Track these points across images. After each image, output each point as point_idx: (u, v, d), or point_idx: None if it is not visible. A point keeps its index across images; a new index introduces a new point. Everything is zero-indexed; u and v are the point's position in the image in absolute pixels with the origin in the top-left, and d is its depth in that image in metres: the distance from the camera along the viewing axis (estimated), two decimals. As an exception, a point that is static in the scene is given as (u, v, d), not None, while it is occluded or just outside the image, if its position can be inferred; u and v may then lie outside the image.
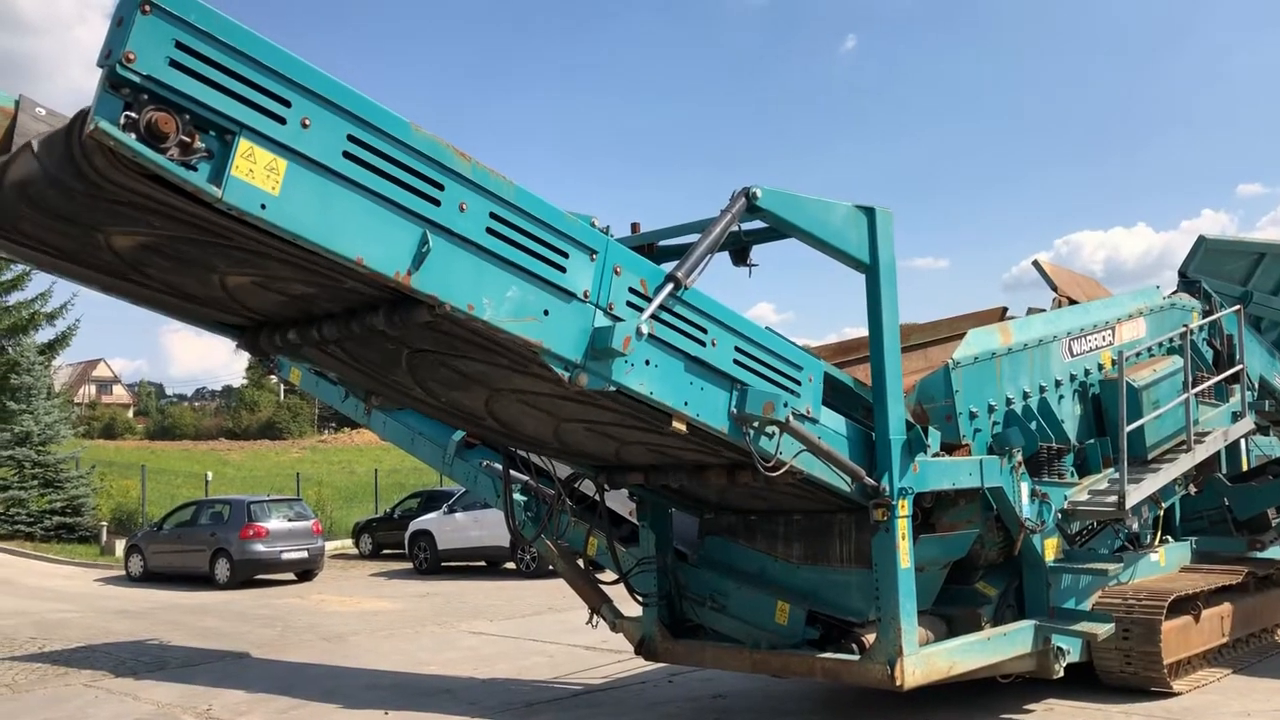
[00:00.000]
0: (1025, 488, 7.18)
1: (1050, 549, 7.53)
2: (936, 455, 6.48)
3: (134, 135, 3.22)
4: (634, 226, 7.13)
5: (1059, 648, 7.17)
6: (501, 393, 5.37)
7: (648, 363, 4.98)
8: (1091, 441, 8.21)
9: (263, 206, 3.52)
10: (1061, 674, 7.20)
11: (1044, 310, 8.84)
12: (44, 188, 3.63)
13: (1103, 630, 7.38)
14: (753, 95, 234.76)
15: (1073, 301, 9.10)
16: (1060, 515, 7.53)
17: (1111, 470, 7.95)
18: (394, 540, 26.26)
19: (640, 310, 4.88)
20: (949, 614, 7.19)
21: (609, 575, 7.85)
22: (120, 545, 26.11)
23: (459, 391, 5.44)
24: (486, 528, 21.79)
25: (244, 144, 3.46)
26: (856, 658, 6.40)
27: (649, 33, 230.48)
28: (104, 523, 29.89)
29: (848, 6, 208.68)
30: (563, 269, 4.59)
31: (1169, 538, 9.16)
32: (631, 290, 4.90)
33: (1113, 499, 7.48)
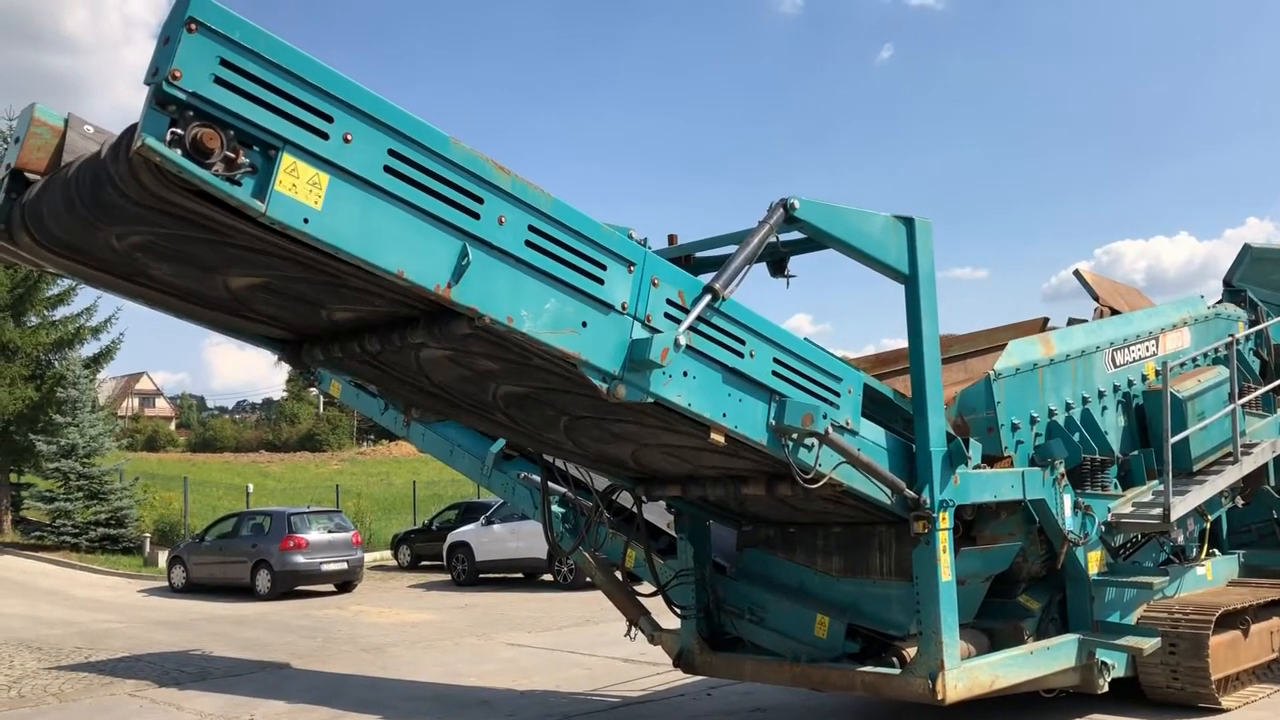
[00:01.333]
0: (1068, 500, 7.09)
1: (1094, 562, 7.43)
2: (978, 467, 6.42)
3: (180, 151, 3.27)
4: (671, 238, 7.13)
5: (1103, 662, 7.07)
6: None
7: (685, 374, 4.97)
8: (1135, 453, 8.10)
9: (305, 221, 3.55)
10: (1106, 689, 7.10)
11: (1086, 321, 8.75)
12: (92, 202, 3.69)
13: (1148, 645, 7.27)
14: (788, 106, 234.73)
15: (1115, 311, 8.99)
16: (1104, 528, 7.43)
17: (1156, 482, 7.84)
18: (432, 552, 26.38)
19: (678, 322, 4.88)
20: (991, 627, 7.11)
21: (647, 587, 7.83)
22: (163, 556, 26.41)
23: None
24: (524, 539, 21.84)
25: (287, 159, 3.49)
26: (897, 671, 6.34)
27: (683, 45, 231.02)
28: (147, 534, 30.23)
29: (884, 17, 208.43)
30: (600, 281, 4.59)
31: (1216, 551, 9.01)
32: (669, 302, 4.89)
33: (1157, 511, 7.37)
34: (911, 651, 6.31)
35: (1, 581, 23.82)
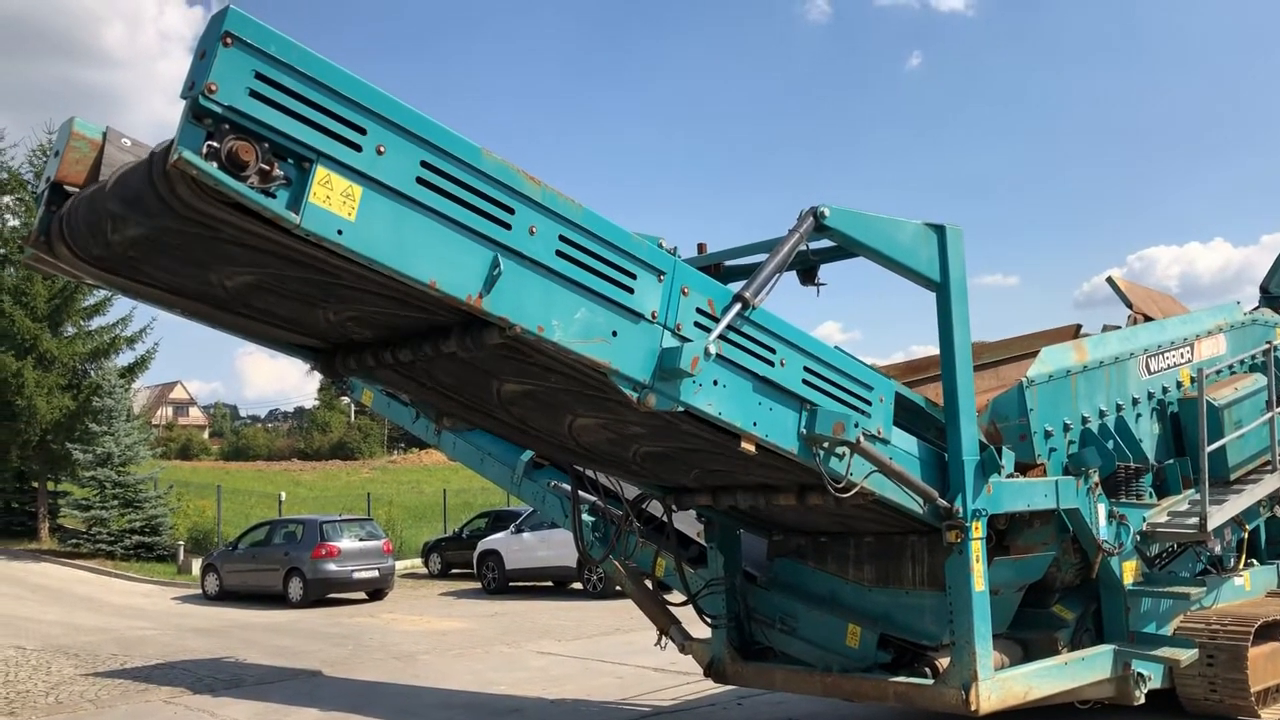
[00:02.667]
0: (1102, 509, 7.02)
1: (1129, 572, 7.35)
2: (1011, 476, 6.37)
3: (215, 164, 3.31)
4: (700, 247, 7.13)
5: (1139, 673, 6.99)
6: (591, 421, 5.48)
7: (716, 383, 4.96)
8: (1171, 462, 8.01)
9: (339, 232, 3.59)
10: (1143, 700, 7.02)
11: (1119, 327, 8.66)
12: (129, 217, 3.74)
13: (1185, 656, 7.18)
14: (817, 114, 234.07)
15: (1149, 318, 8.90)
16: (1139, 537, 7.35)
17: (1192, 491, 7.75)
18: (462, 560, 26.47)
19: (708, 331, 4.87)
20: (1025, 638, 7.05)
21: (677, 596, 7.83)
22: (196, 564, 26.64)
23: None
24: (553, 548, 21.88)
25: (321, 171, 3.53)
26: (930, 682, 6.29)
27: (711, 55, 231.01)
28: (181, 542, 30.51)
29: (913, 23, 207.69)
30: (630, 290, 4.60)
31: (1254, 561, 8.88)
32: (699, 310, 4.89)
33: (1194, 521, 7.28)
34: (944, 662, 6.26)
35: (39, 589, 24.10)
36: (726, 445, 5.22)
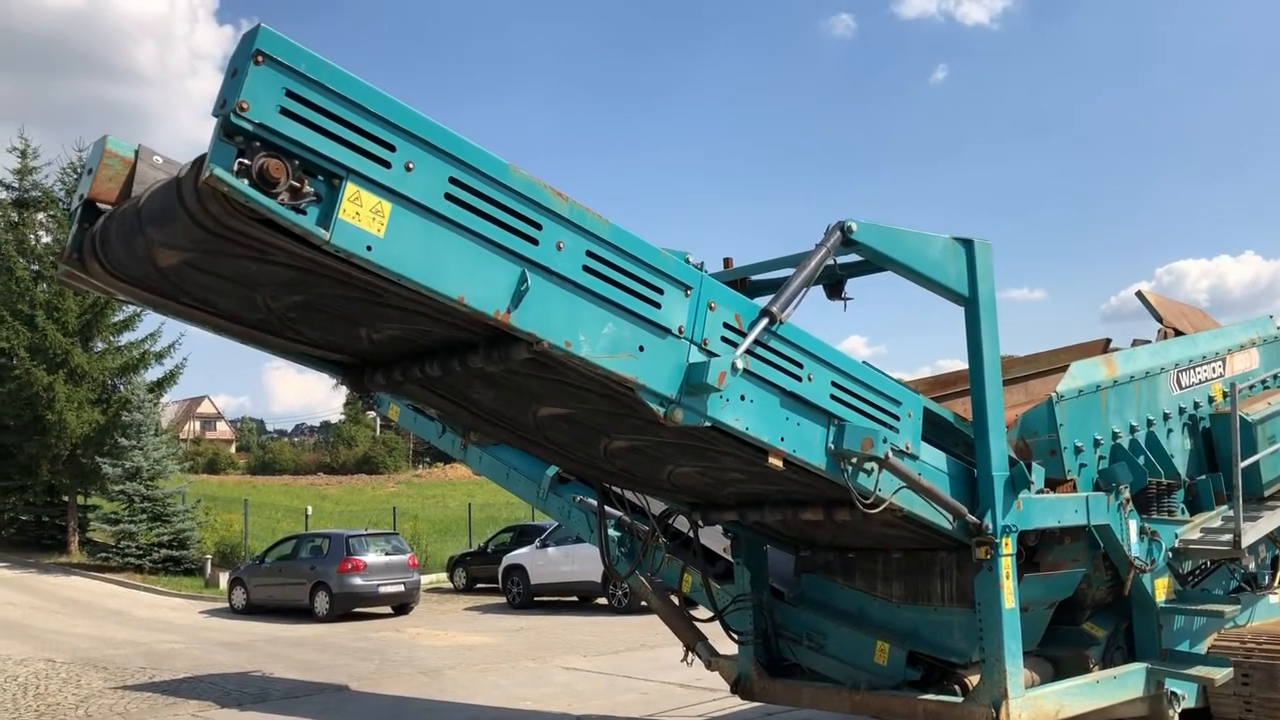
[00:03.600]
0: (1134, 525, 6.94)
1: (1161, 589, 7.25)
2: (1040, 491, 6.31)
3: (247, 181, 3.33)
4: (727, 261, 7.13)
5: (1173, 692, 6.89)
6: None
7: (743, 398, 4.95)
8: (1203, 477, 7.91)
9: (368, 248, 3.60)
10: (1176, 720, 6.92)
11: (1149, 342, 8.58)
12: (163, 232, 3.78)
13: (1220, 675, 7.07)
14: (842, 127, 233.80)
15: (1179, 333, 8.81)
16: (1171, 554, 7.25)
17: (1225, 507, 7.65)
18: (487, 574, 26.50)
19: (735, 345, 4.86)
20: (1056, 655, 6.97)
21: (703, 612, 7.79)
22: (224, 578, 26.79)
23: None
24: (578, 563, 21.87)
25: (351, 188, 3.55)
26: (959, 700, 6.23)
27: (736, 70, 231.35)
28: (208, 556, 30.68)
29: (937, 38, 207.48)
30: (657, 305, 4.60)
31: (1288, 578, 8.75)
32: (726, 325, 4.88)
33: (1227, 538, 7.18)
34: (974, 679, 6.20)
35: (69, 602, 24.29)
36: (754, 461, 5.20)
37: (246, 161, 3.34)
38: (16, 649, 16.55)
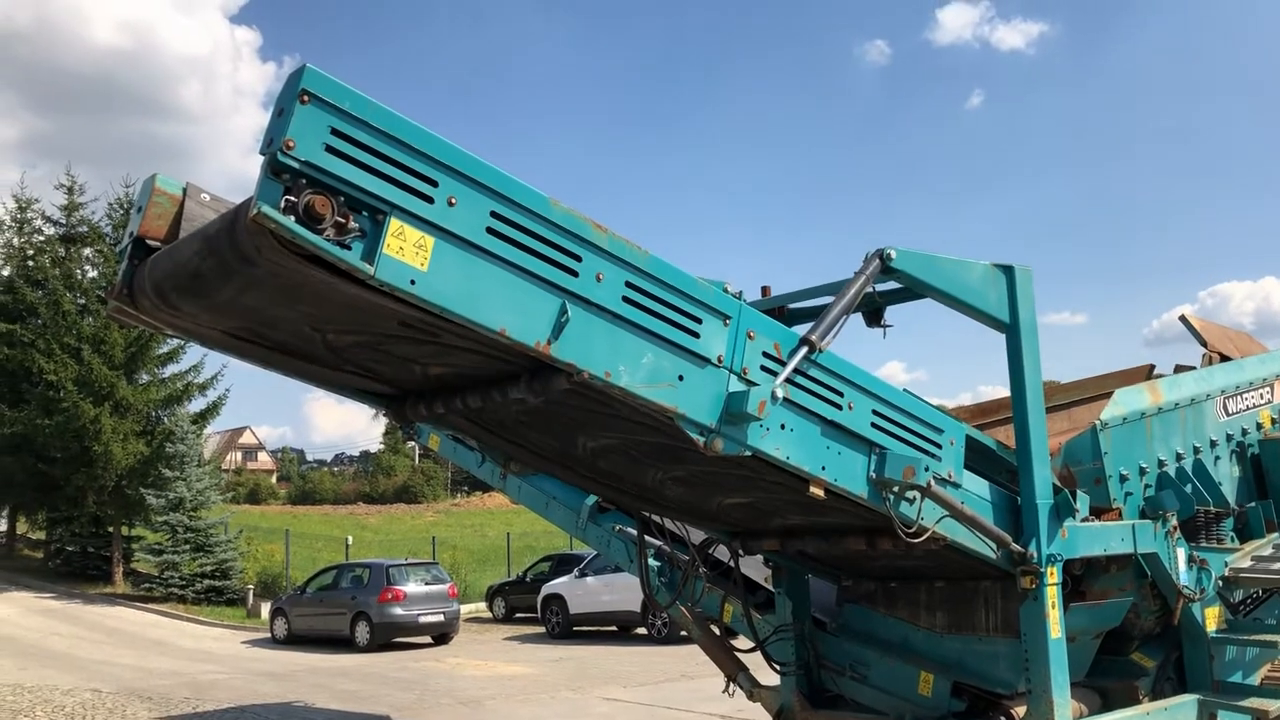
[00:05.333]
0: (1182, 553, 6.83)
1: (1212, 619, 7.13)
2: (1085, 520, 6.24)
3: (293, 218, 3.39)
4: (765, 290, 7.13)
5: (1226, 725, 6.76)
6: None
7: (783, 427, 4.93)
8: (1253, 505, 7.78)
9: (412, 282, 3.65)
10: (1229, 752, 6.77)
11: (1194, 368, 8.47)
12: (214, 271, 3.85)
13: (1274, 706, 6.92)
14: (878, 154, 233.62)
15: (1225, 358, 8.69)
16: (1221, 583, 7.13)
17: (1276, 535, 7.52)
18: (526, 604, 26.50)
19: (774, 374, 4.85)
20: (1103, 686, 6.86)
21: (744, 642, 7.74)
22: (265, 608, 26.97)
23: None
24: (617, 592, 21.81)
25: (394, 223, 3.60)
26: (1006, 732, 6.14)
27: (771, 98, 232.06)
28: (250, 586, 30.89)
29: (973, 63, 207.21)
30: (696, 335, 4.61)
31: (1343, 607, 8.56)
32: (765, 354, 4.87)
33: (1279, 566, 7.06)
34: (1020, 710, 6.11)
35: (114, 632, 24.54)
36: (796, 490, 5.18)
37: (293, 198, 3.40)
38: (63, 679, 16.73)
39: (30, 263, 36.69)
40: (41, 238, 37.72)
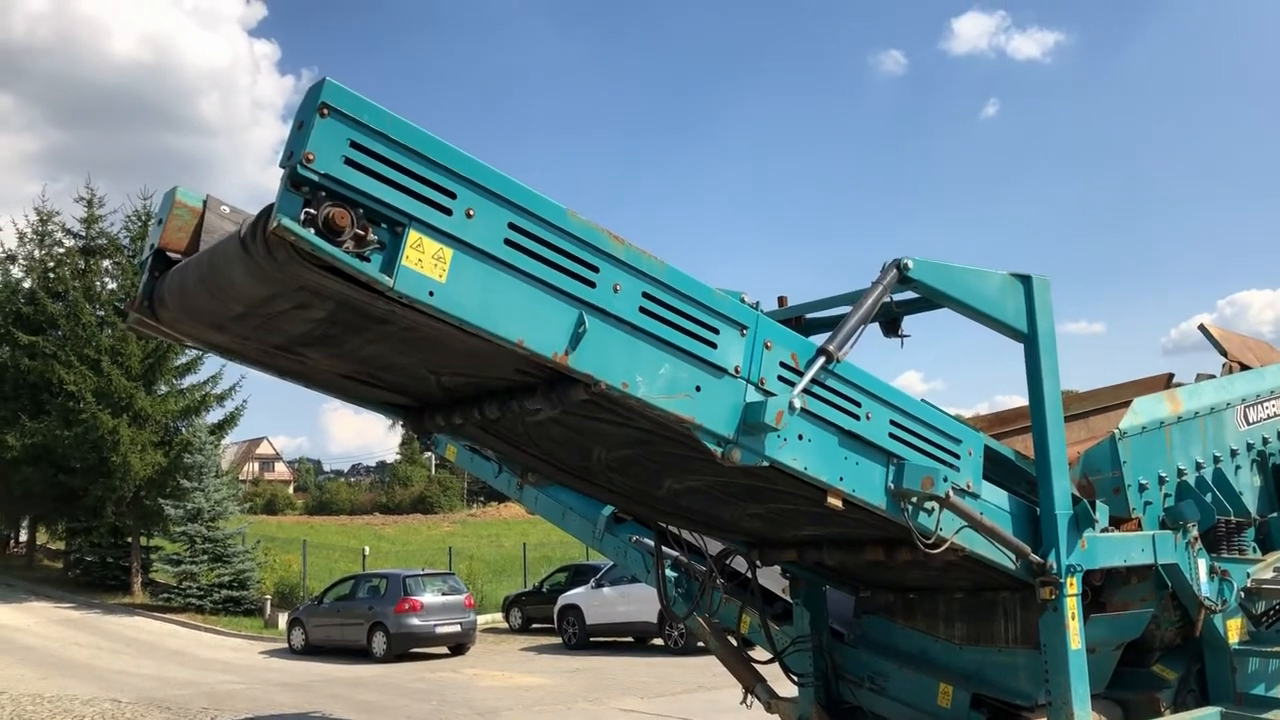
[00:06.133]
0: (1203, 564, 6.78)
1: (1234, 630, 7.07)
2: (1105, 530, 6.20)
3: (313, 230, 3.41)
4: (782, 300, 7.12)
5: (1249, 737, 6.69)
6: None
7: (801, 437, 4.92)
8: (1274, 515, 7.72)
9: (430, 294, 3.67)
10: (1253, 765, 6.71)
11: (1213, 376, 8.42)
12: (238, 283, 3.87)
13: (1297, 719, 6.86)
14: (894, 164, 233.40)
15: (1245, 366, 8.63)
16: (1243, 594, 7.07)
17: (1299, 545, 7.45)
18: (543, 614, 26.48)
19: (792, 384, 4.84)
20: (1124, 698, 6.81)
21: (762, 654, 7.72)
22: (283, 618, 27.03)
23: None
24: (634, 603, 21.79)
25: (413, 235, 3.62)
26: (1026, 744, 6.10)
27: (787, 108, 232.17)
28: (268, 596, 30.97)
29: (988, 73, 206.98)
30: (714, 345, 4.60)
31: (1367, 618, 8.48)
32: (783, 364, 4.87)
33: (1302, 576, 6.99)
34: (1041, 722, 6.07)
35: (132, 642, 24.64)
36: (813, 501, 5.17)
37: (313, 211, 3.42)
38: (83, 689, 16.80)
39: (51, 275, 36.99)
40: (62, 250, 38.04)
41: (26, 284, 37.70)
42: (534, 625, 27.34)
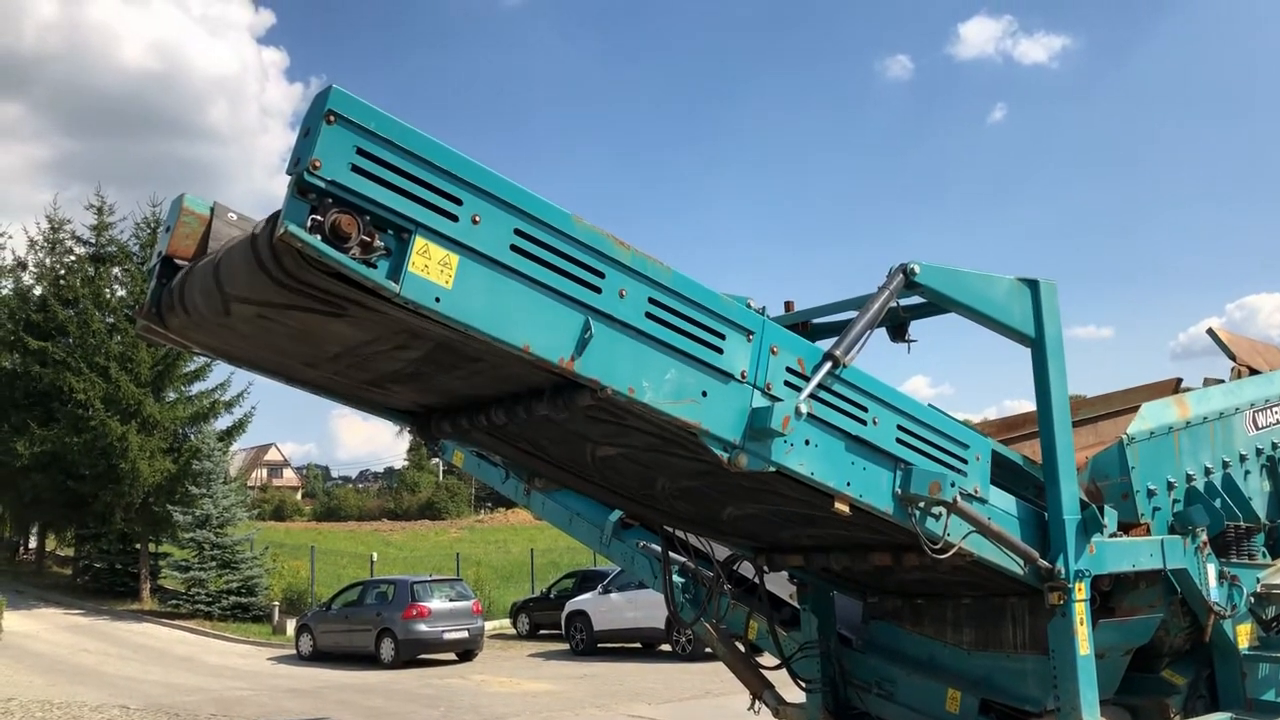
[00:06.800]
0: (1212, 569, 6.75)
1: (1244, 635, 7.04)
2: (1113, 535, 6.18)
3: (319, 237, 3.42)
4: (788, 305, 7.11)
5: (1259, 742, 6.66)
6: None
7: (807, 442, 4.91)
8: (1285, 520, 7.69)
9: (437, 300, 3.67)
10: (1263, 771, 6.68)
11: (1221, 381, 8.39)
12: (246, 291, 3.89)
13: (1308, 724, 6.83)
14: (901, 168, 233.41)
15: (1254, 371, 8.60)
16: (1253, 599, 7.05)
17: (1309, 551, 7.42)
18: (550, 620, 26.48)
19: (798, 390, 4.83)
20: (1134, 704, 6.78)
21: (770, 659, 7.70)
22: (291, 624, 27.06)
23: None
24: (642, 608, 21.77)
25: (420, 241, 3.63)
26: (1035, 749, 6.08)
27: (794, 113, 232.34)
28: (276, 603, 31.00)
29: (995, 78, 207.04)
30: (720, 350, 4.60)
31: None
32: (789, 370, 4.86)
33: (1312, 582, 6.96)
34: (1049, 728, 6.05)
35: (141, 649, 24.68)
36: (820, 506, 5.16)
37: (319, 217, 3.43)
38: (92, 695, 16.82)
39: (62, 282, 37.11)
40: (72, 257, 38.18)
41: (37, 291, 37.86)
42: (541, 631, 27.32)
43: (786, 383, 4.83)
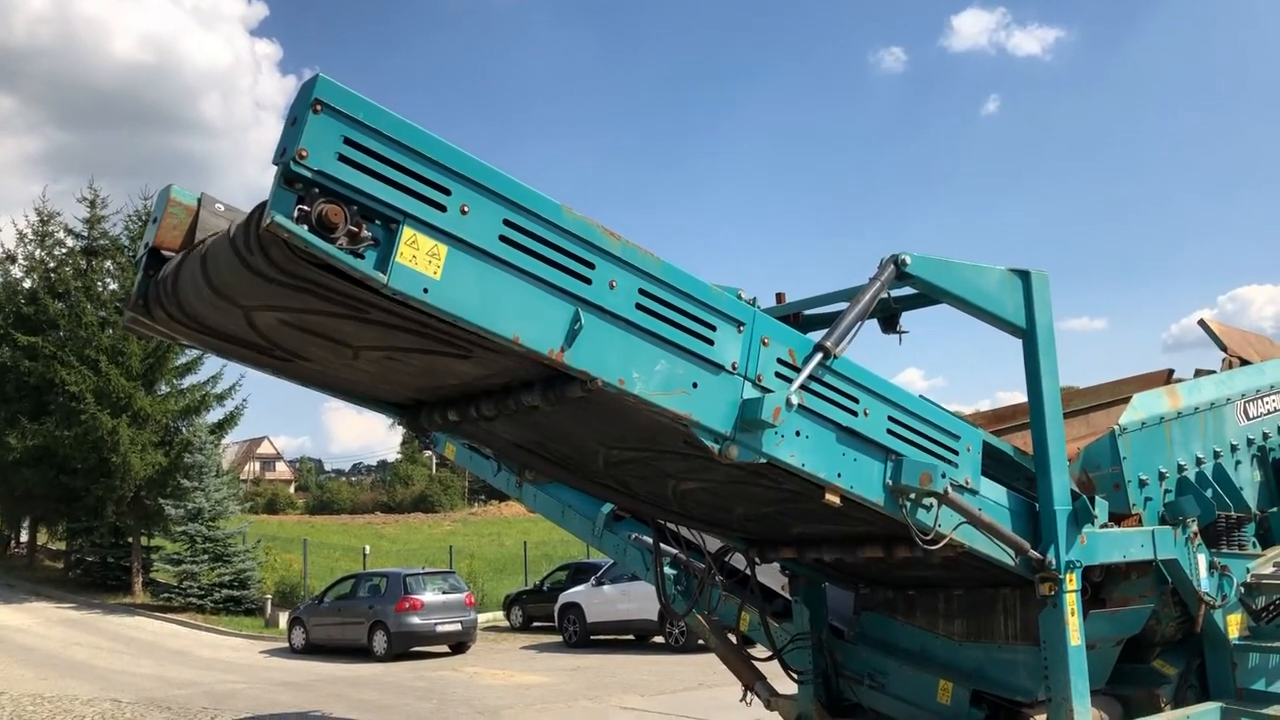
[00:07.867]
0: (1203, 560, 6.76)
1: (1234, 625, 7.05)
2: (1105, 526, 6.18)
3: (306, 227, 3.39)
4: (779, 296, 7.10)
5: (1249, 732, 6.68)
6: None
7: (798, 434, 4.89)
8: (1275, 510, 7.70)
9: (425, 290, 3.64)
10: (1253, 761, 6.70)
11: (1213, 372, 8.39)
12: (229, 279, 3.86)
13: (1298, 714, 6.84)
14: (894, 160, 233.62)
15: (1245, 362, 8.61)
16: (1243, 589, 7.06)
17: (1299, 540, 7.43)
18: (543, 613, 26.49)
19: (789, 381, 4.82)
20: (1125, 694, 6.79)
21: (762, 651, 7.70)
22: (283, 618, 27.04)
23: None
24: (635, 601, 21.79)
25: (408, 231, 3.60)
26: (1026, 740, 6.09)
27: (787, 105, 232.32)
28: (268, 596, 30.97)
29: (988, 70, 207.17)
30: (710, 341, 4.58)
31: (1368, 613, 8.45)
32: (780, 361, 4.84)
33: (1302, 572, 6.98)
34: (1041, 718, 6.06)
35: (133, 642, 24.64)
36: (811, 498, 5.15)
37: (306, 208, 3.40)
38: (83, 689, 16.79)
39: (53, 275, 36.96)
40: (63, 250, 38.01)
41: (27, 284, 37.69)
42: (535, 624, 27.33)
43: (777, 374, 4.82)
